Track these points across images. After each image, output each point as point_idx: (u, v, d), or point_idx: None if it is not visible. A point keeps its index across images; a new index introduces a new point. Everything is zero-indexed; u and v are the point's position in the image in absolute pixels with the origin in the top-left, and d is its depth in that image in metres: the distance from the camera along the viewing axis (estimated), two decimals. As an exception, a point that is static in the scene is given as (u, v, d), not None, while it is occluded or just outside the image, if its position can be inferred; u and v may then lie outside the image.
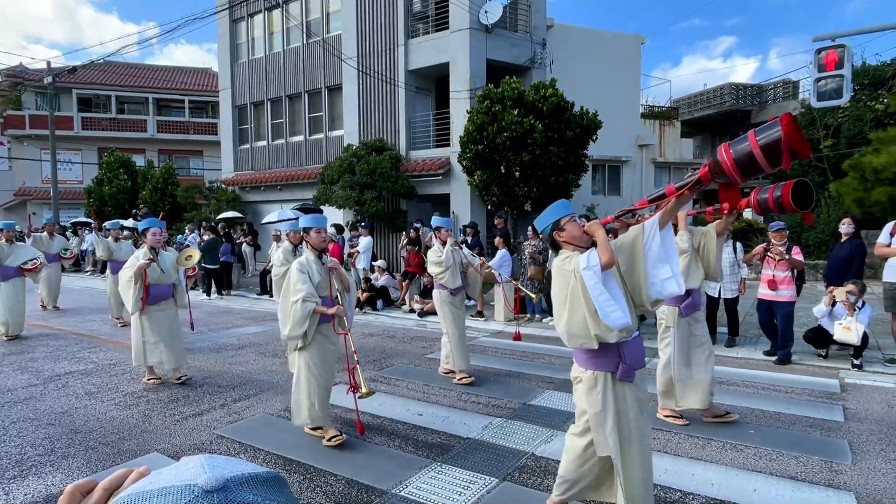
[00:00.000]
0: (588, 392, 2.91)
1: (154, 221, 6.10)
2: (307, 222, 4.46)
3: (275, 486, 0.60)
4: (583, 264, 2.75)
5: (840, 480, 3.65)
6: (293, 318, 4.14)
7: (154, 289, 5.81)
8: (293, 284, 4.17)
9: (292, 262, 6.74)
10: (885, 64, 18.83)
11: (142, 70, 33.19)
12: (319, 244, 4.37)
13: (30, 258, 8.33)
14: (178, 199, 20.32)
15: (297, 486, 3.62)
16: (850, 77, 7.19)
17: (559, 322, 2.92)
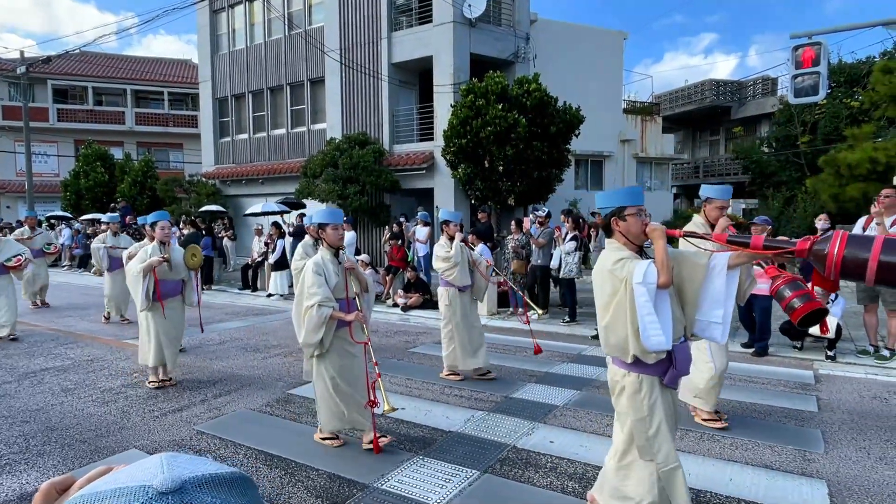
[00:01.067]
0: (632, 396, 2.72)
1: (163, 214, 5.82)
2: (323, 217, 4.10)
3: (238, 487, 0.58)
4: (638, 278, 2.53)
5: (813, 469, 3.74)
6: (308, 325, 3.87)
7: (162, 285, 5.53)
8: (307, 287, 3.89)
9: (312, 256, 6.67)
10: (860, 62, 19.20)
11: (120, 61, 32.54)
12: (336, 242, 4.06)
13: (13, 254, 7.85)
14: (158, 193, 20.01)
15: (278, 481, 3.61)
16: (827, 74, 7.32)
17: (601, 320, 2.75)
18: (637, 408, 2.71)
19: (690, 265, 2.76)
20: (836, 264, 2.30)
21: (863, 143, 13.61)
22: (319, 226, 4.09)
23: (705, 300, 2.71)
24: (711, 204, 4.42)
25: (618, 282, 2.63)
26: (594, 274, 2.84)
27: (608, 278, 2.69)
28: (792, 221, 15.37)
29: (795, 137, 19.49)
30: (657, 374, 2.68)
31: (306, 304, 3.86)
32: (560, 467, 3.78)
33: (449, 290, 5.88)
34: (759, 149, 21.90)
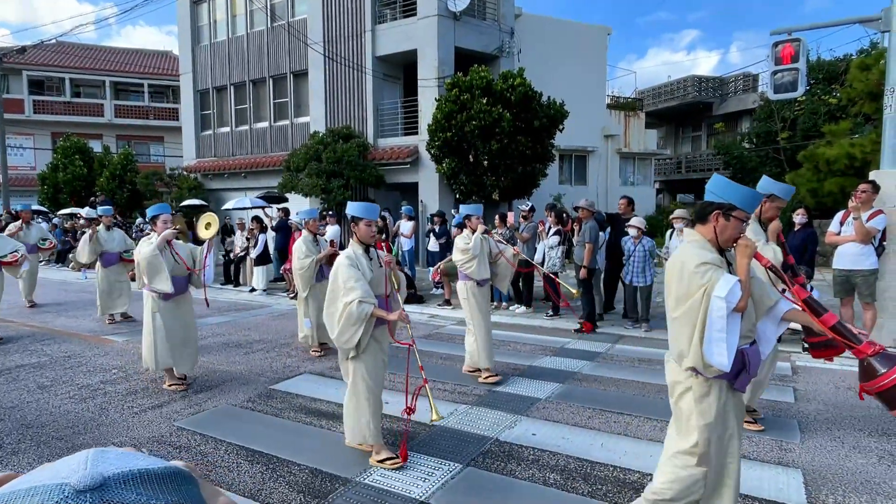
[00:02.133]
0: (700, 400, 2.54)
1: (164, 207, 5.49)
2: (357, 211, 3.79)
3: (171, 483, 0.55)
4: (720, 291, 2.35)
5: (789, 458, 3.81)
6: (345, 322, 3.56)
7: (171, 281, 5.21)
8: (343, 282, 3.59)
9: (315, 253, 6.55)
10: (838, 59, 19.51)
11: (98, 52, 31.89)
12: (369, 238, 3.81)
13: (9, 250, 7.37)
14: (138, 187, 19.71)
15: (260, 476, 3.58)
16: (805, 71, 7.42)
17: (672, 311, 2.56)
18: (704, 412, 2.53)
19: (758, 297, 2.63)
20: (880, 388, 2.37)
21: (840, 139, 13.85)
22: (353, 220, 3.81)
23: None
24: (773, 202, 4.01)
25: (696, 287, 2.43)
26: (671, 263, 2.60)
27: (687, 277, 2.47)
28: (771, 216, 15.56)
29: (775, 133, 19.77)
30: (728, 377, 2.50)
31: (344, 301, 3.56)
32: (542, 460, 3.80)
33: (467, 283, 5.68)
34: (740, 144, 22.18)
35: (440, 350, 6.84)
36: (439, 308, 9.59)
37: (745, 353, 2.49)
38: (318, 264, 6.57)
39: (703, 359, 2.41)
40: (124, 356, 6.58)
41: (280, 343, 7.24)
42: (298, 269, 6.50)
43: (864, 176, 8.26)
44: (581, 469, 3.67)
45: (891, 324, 6.67)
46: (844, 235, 6.59)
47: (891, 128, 6.85)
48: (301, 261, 6.47)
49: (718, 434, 2.55)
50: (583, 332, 7.60)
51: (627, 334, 7.54)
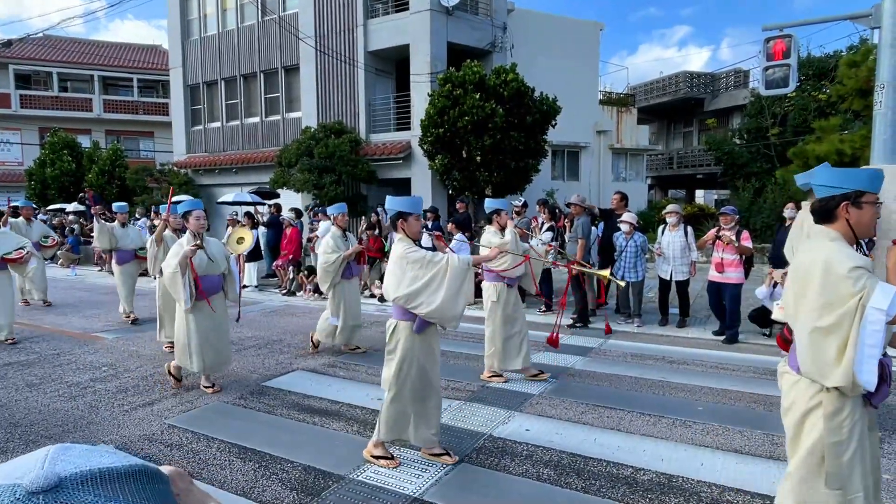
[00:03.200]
0: (831, 417, 2.25)
1: (197, 202, 5.21)
2: (402, 206, 3.62)
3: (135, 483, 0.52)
4: (880, 302, 2.06)
5: (780, 452, 3.83)
6: (450, 285, 3.45)
7: (203, 281, 4.95)
8: (428, 260, 3.50)
9: (343, 249, 6.25)
10: (828, 56, 19.62)
11: (86, 46, 31.50)
12: (417, 234, 3.69)
13: (15, 247, 6.98)
14: (128, 183, 19.51)
15: (252, 474, 3.56)
16: (796, 66, 7.44)
17: (816, 320, 2.21)
18: (835, 430, 2.25)
19: None
20: None
21: (830, 136, 13.94)
22: (400, 215, 3.60)
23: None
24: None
25: (847, 294, 2.12)
26: (802, 263, 2.35)
27: (834, 282, 2.16)
28: (762, 212, 15.71)
29: (766, 129, 19.88)
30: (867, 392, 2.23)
31: (436, 269, 3.48)
32: (535, 455, 3.81)
33: (497, 284, 5.33)
34: (731, 140, 22.28)
35: (433, 346, 6.83)
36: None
37: (884, 364, 2.19)
38: (346, 261, 6.30)
39: (853, 378, 2.11)
40: (114, 353, 6.52)
41: (272, 339, 7.20)
42: (323, 264, 6.24)
43: (853, 172, 8.30)
44: (574, 464, 3.68)
45: (880, 318, 6.73)
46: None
47: (881, 124, 6.89)
48: (327, 255, 6.20)
49: (845, 454, 2.26)
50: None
51: (620, 329, 7.57)
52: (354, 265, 6.52)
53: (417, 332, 3.61)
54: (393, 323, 3.70)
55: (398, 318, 3.66)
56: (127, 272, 8.41)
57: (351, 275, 6.42)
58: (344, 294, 6.33)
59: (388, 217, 3.74)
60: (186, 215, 5.05)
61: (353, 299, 6.46)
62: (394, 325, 3.68)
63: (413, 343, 3.61)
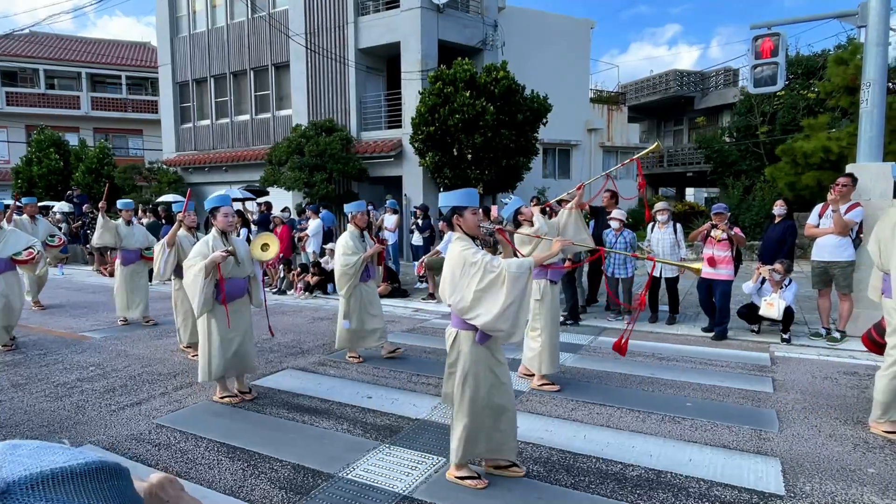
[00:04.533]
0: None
1: (225, 198, 4.76)
2: (458, 199, 3.35)
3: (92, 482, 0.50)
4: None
5: (768, 447, 3.87)
6: (511, 289, 3.12)
7: (227, 284, 4.58)
8: (487, 262, 3.19)
9: (362, 250, 5.88)
10: (816, 54, 19.78)
11: (74, 42, 31.16)
12: (476, 229, 3.39)
13: (24, 247, 6.52)
14: (116, 181, 19.33)
15: (241, 473, 3.54)
16: (785, 65, 7.50)
17: None
18: None
19: None
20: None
21: (818, 133, 14.06)
22: (454, 210, 3.34)
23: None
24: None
25: None
26: None
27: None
28: (751, 209, 15.82)
29: (755, 127, 20.02)
30: None
31: (493, 275, 3.14)
32: (525, 452, 3.81)
33: (541, 281, 5.08)
34: (721, 138, 22.43)
35: (424, 344, 6.83)
36: (423, 302, 9.58)
37: None
38: (365, 263, 5.94)
39: None
40: (102, 353, 6.47)
41: (262, 338, 7.15)
42: (343, 266, 5.85)
43: (840, 169, 8.40)
44: (564, 461, 3.69)
45: (866, 314, 6.80)
46: (823, 228, 6.70)
47: (867, 121, 6.96)
48: (347, 257, 5.82)
49: None
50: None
51: (610, 326, 7.60)
52: (372, 267, 6.15)
53: (481, 343, 3.26)
54: (452, 332, 3.36)
55: (458, 326, 3.33)
56: (131, 273, 7.92)
57: (368, 277, 6.07)
58: (361, 298, 5.96)
59: (443, 215, 3.48)
60: (214, 212, 4.63)
61: (373, 302, 6.06)
62: (454, 334, 3.35)
63: (477, 354, 3.27)
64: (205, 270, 4.42)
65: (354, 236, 5.93)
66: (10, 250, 6.42)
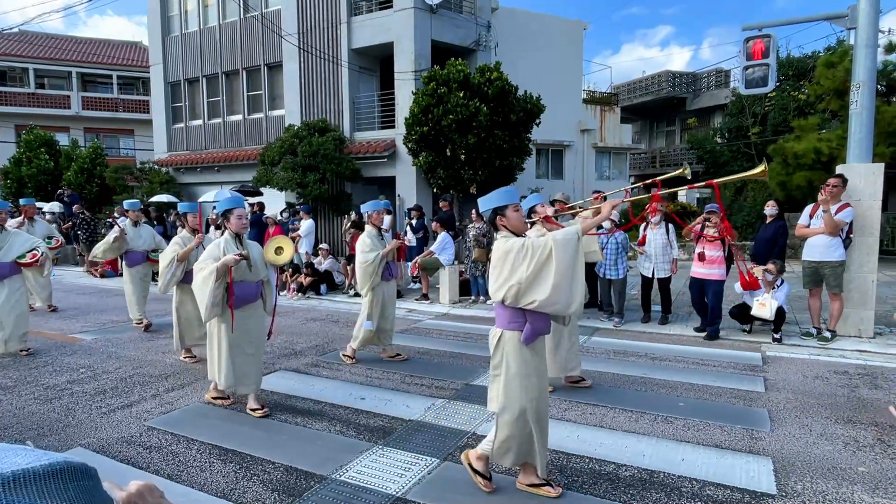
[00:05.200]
0: None
1: (238, 200, 4.58)
2: (497, 200, 3.24)
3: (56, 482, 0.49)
4: None
5: (759, 447, 3.89)
6: (572, 268, 3.00)
7: (239, 288, 4.36)
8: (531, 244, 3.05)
9: (380, 248, 5.80)
10: (806, 56, 19.95)
11: (64, 42, 30.90)
12: (522, 226, 3.29)
13: (28, 249, 6.27)
14: (107, 181, 19.20)
15: (233, 476, 3.52)
16: (776, 66, 7.55)
17: None
18: None
19: None
20: None
21: (808, 135, 14.18)
22: (496, 212, 3.25)
23: None
24: None
25: None
26: None
27: None
28: (743, 209, 15.91)
29: (746, 128, 20.15)
30: None
31: (541, 250, 3.02)
32: (519, 453, 3.81)
33: None
34: (713, 139, 22.55)
35: (417, 344, 6.82)
36: (417, 302, 9.57)
37: None
38: (385, 260, 5.89)
39: None
40: (93, 355, 6.41)
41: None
42: (362, 264, 5.81)
43: (830, 170, 8.47)
44: (557, 461, 3.69)
45: (856, 314, 6.87)
46: (814, 228, 6.75)
47: (857, 123, 7.01)
48: (365, 254, 5.78)
49: None
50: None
51: (602, 326, 7.62)
52: (393, 265, 6.07)
53: (526, 344, 3.15)
54: (497, 333, 3.23)
55: (503, 327, 3.20)
56: (138, 275, 7.72)
57: (390, 276, 6.00)
58: (383, 296, 5.92)
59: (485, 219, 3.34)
60: (227, 213, 4.41)
61: (390, 302, 6.03)
62: (498, 335, 3.22)
63: (522, 355, 3.15)
64: (216, 273, 4.22)
65: (372, 235, 5.90)
66: (14, 253, 6.19)
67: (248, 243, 4.56)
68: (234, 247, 4.40)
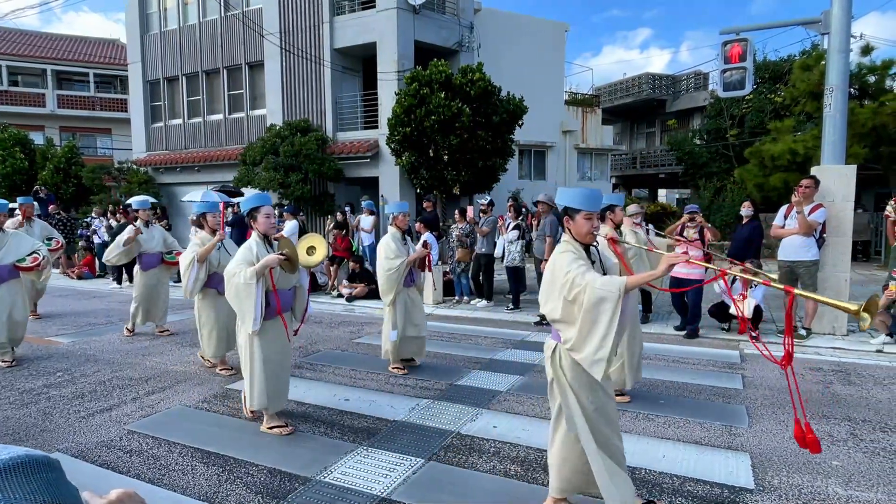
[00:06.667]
0: None
1: (265, 197, 4.16)
2: (575, 200, 2.87)
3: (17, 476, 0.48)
4: None
5: (738, 443, 3.97)
6: (602, 325, 2.63)
7: (281, 296, 4.09)
8: (572, 279, 2.70)
9: (404, 254, 5.52)
10: (782, 59, 20.36)
11: (38, 38, 30.25)
12: (587, 236, 2.87)
13: (28, 252, 5.94)
14: (84, 181, 18.83)
15: (216, 479, 3.49)
16: (753, 69, 7.71)
17: None
18: None
19: None
20: None
21: (785, 136, 14.48)
22: (566, 211, 2.89)
23: None
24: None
25: None
26: None
27: None
28: (721, 210, 16.19)
29: (725, 130, 20.50)
30: None
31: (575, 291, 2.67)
32: (503, 452, 3.85)
33: None
34: (692, 141, 22.90)
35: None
36: (400, 303, 9.56)
37: None
38: (409, 267, 5.62)
39: None
40: (70, 358, 6.30)
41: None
42: (386, 271, 5.49)
43: (806, 171, 8.67)
44: (541, 460, 3.72)
45: (831, 312, 7.03)
46: (788, 228, 6.90)
47: (830, 125, 7.19)
48: (389, 261, 5.47)
49: None
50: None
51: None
52: (416, 272, 5.79)
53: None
54: (552, 345, 2.94)
55: (557, 339, 2.90)
56: (153, 280, 7.26)
57: (412, 282, 5.73)
58: (406, 303, 5.66)
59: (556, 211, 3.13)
60: (253, 213, 4.05)
61: (416, 308, 5.76)
62: (552, 347, 2.93)
63: (579, 371, 2.81)
64: (256, 277, 3.85)
65: (396, 238, 5.59)
66: (13, 256, 5.86)
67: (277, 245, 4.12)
68: (265, 249, 4.04)
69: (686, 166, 22.22)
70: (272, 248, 4.07)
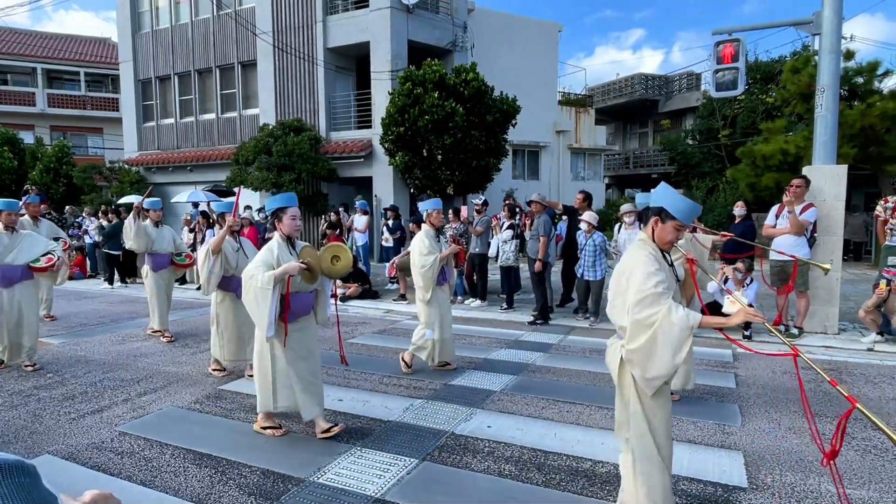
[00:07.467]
0: None
1: (291, 198, 4.01)
2: (672, 204, 2.70)
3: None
4: None
5: (731, 441, 3.99)
6: (668, 355, 2.52)
7: (295, 300, 3.91)
8: (651, 297, 2.54)
9: (437, 250, 5.46)
10: (774, 60, 20.51)
11: (28, 37, 30.00)
12: (669, 243, 2.76)
13: (43, 252, 5.77)
14: (75, 181, 18.69)
15: (208, 480, 3.46)
16: (745, 70, 7.74)
17: None
18: None
19: None
20: None
21: (776, 136, 14.58)
22: (659, 214, 2.72)
23: None
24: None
25: None
26: None
27: None
28: (714, 209, 16.26)
29: (717, 130, 20.61)
30: None
31: (650, 312, 2.52)
32: (497, 451, 3.84)
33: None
34: (684, 141, 23.01)
35: (396, 345, 6.81)
36: (394, 303, 9.54)
37: None
38: (441, 264, 5.54)
39: None
40: (61, 359, 6.24)
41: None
42: (421, 268, 5.43)
43: (797, 171, 8.73)
44: (535, 459, 3.72)
45: (822, 310, 7.08)
46: (780, 228, 6.94)
47: (821, 126, 7.24)
48: (423, 257, 5.43)
49: None
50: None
51: (578, 325, 7.71)
52: (448, 270, 5.74)
53: None
54: (619, 349, 2.79)
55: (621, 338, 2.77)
56: (163, 280, 7.21)
57: (444, 280, 5.67)
58: (439, 302, 5.57)
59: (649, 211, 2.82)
60: (279, 213, 3.91)
61: (447, 308, 5.70)
62: (619, 351, 2.78)
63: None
64: (273, 283, 3.72)
65: (430, 235, 5.58)
66: (26, 257, 5.67)
67: (299, 246, 4.04)
68: (288, 252, 3.91)
69: (678, 166, 22.33)
70: (294, 251, 3.95)
